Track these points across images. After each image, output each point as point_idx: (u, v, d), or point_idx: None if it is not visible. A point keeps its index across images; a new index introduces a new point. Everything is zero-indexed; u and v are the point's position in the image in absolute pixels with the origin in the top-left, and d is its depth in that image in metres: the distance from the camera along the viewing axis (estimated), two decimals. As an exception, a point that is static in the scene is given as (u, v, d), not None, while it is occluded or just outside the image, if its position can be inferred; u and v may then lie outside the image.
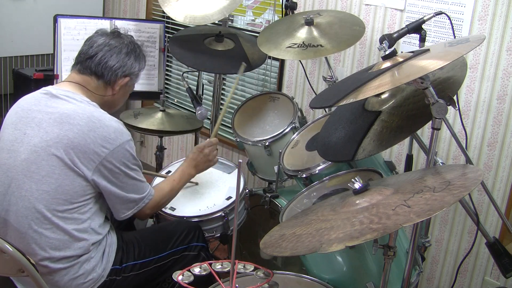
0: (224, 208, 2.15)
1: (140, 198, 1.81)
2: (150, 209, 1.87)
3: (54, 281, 1.71)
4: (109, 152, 1.68)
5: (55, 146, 1.65)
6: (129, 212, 1.80)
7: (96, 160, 1.67)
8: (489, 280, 2.38)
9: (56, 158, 1.65)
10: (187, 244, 1.97)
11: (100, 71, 1.80)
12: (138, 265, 1.87)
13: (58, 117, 1.69)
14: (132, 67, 1.86)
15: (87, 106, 1.74)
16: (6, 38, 3.71)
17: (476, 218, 1.83)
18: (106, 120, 1.72)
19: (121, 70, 1.83)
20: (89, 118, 1.69)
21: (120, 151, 1.71)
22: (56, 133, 1.66)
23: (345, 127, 1.85)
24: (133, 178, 1.77)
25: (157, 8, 3.82)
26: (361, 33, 2.22)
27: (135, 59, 1.87)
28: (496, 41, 2.22)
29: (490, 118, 2.28)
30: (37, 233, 1.66)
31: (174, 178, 2.02)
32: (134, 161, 1.77)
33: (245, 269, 1.44)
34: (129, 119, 2.67)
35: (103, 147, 1.67)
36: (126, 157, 1.73)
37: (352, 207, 1.35)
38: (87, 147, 1.66)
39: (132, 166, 1.76)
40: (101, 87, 1.83)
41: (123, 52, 1.83)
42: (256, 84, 3.26)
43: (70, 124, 1.67)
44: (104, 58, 1.80)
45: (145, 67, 1.95)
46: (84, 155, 1.66)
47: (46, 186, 1.65)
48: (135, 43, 1.92)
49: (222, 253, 2.93)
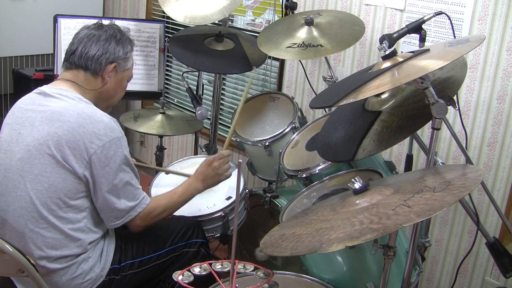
0: (224, 208, 2.15)
1: (131, 207, 1.74)
2: (141, 220, 1.78)
3: (53, 282, 1.71)
4: (98, 148, 1.65)
5: (46, 144, 1.65)
6: (118, 221, 1.74)
7: (86, 156, 1.65)
8: (489, 280, 2.38)
9: (48, 156, 1.65)
10: (186, 241, 1.96)
11: (83, 63, 1.79)
12: (137, 263, 1.86)
13: (49, 115, 1.69)
14: (115, 52, 1.81)
15: (78, 103, 1.73)
16: (6, 38, 3.71)
17: (476, 218, 1.83)
18: (97, 116, 1.70)
19: (104, 57, 1.80)
20: (79, 114, 1.68)
21: (110, 147, 1.67)
22: (47, 131, 1.66)
23: (345, 127, 1.85)
24: (124, 181, 1.72)
25: (157, 8, 3.82)
26: (361, 33, 2.22)
27: (116, 43, 1.82)
28: (496, 41, 2.21)
29: (490, 118, 2.28)
30: (33, 233, 1.66)
31: (176, 191, 1.93)
32: (126, 161, 1.72)
33: (245, 269, 1.44)
34: (129, 122, 2.67)
35: (92, 143, 1.65)
36: (117, 154, 1.69)
37: (352, 207, 1.35)
38: (77, 143, 1.65)
39: (124, 166, 1.71)
40: (91, 80, 1.80)
41: (102, 39, 1.80)
42: (256, 84, 3.26)
43: (60, 121, 1.66)
44: (85, 49, 1.79)
45: (132, 50, 1.89)
46: (74, 151, 1.65)
47: (39, 185, 1.65)
48: (117, 28, 1.87)
49: (222, 253, 2.93)
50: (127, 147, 1.75)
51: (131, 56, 1.91)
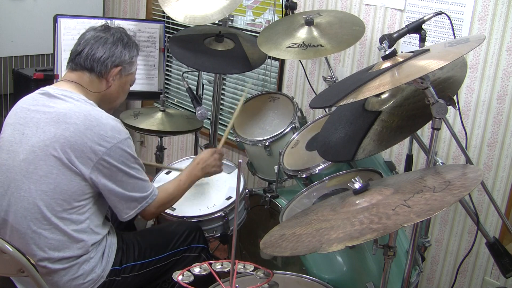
0: (224, 208, 2.15)
1: (143, 197, 1.79)
2: (155, 208, 1.85)
3: (53, 282, 1.70)
4: (106, 150, 1.67)
5: (53, 145, 1.65)
6: (132, 212, 1.78)
7: (93, 159, 1.66)
8: (489, 280, 2.38)
9: (53, 158, 1.65)
10: (187, 245, 1.97)
11: (89, 64, 1.79)
12: (138, 266, 1.86)
13: (55, 116, 1.69)
14: (121, 56, 1.82)
15: (83, 105, 1.73)
16: (6, 38, 3.71)
17: (476, 218, 1.83)
18: (103, 119, 1.71)
19: (110, 60, 1.80)
20: (85, 116, 1.69)
21: (117, 149, 1.70)
22: (53, 133, 1.66)
23: (345, 127, 1.85)
24: (134, 176, 1.76)
25: (157, 8, 3.82)
26: (361, 33, 2.22)
27: (123, 47, 1.83)
28: (496, 41, 2.21)
29: (490, 118, 2.28)
30: (36, 234, 1.66)
31: (181, 178, 1.99)
32: (134, 160, 1.76)
33: (245, 269, 1.44)
34: (129, 119, 2.67)
35: (100, 145, 1.67)
36: (124, 156, 1.72)
37: (352, 207, 1.35)
38: (84, 146, 1.65)
39: (132, 165, 1.75)
40: (95, 82, 1.81)
41: (109, 42, 1.81)
42: (256, 84, 3.26)
43: (67, 123, 1.67)
44: (91, 50, 1.79)
45: (138, 55, 1.91)
46: (81, 154, 1.65)
47: (44, 186, 1.65)
48: (123, 32, 1.88)
49: (222, 253, 2.93)
50: (133, 146, 1.77)
51: (136, 61, 1.92)
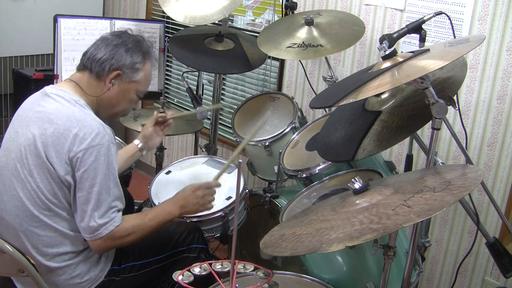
0: (224, 208, 2.15)
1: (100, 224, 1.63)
2: (103, 241, 1.66)
3: (51, 281, 1.70)
4: (80, 152, 1.61)
5: (34, 145, 1.64)
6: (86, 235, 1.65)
7: (67, 160, 1.62)
8: (489, 280, 2.38)
9: (35, 157, 1.64)
10: (187, 246, 1.96)
11: (89, 64, 1.77)
12: (137, 266, 1.86)
13: (43, 116, 1.68)
14: (121, 60, 1.76)
15: (71, 106, 1.70)
16: (6, 38, 3.71)
17: (476, 218, 1.83)
18: (86, 121, 1.65)
19: (109, 63, 1.76)
20: (68, 117, 1.65)
21: (93, 153, 1.61)
22: (37, 132, 1.65)
23: (345, 127, 1.85)
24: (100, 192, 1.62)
25: (157, 8, 3.82)
26: (361, 33, 2.22)
27: (125, 51, 1.78)
28: (496, 41, 2.21)
29: (490, 118, 2.28)
30: (28, 231, 1.67)
31: (147, 213, 1.80)
32: (107, 171, 1.63)
33: (245, 269, 1.44)
34: (129, 122, 2.67)
35: (74, 146, 1.61)
36: (99, 162, 1.62)
37: (352, 207, 1.35)
38: (61, 146, 1.62)
39: (103, 177, 1.62)
40: (94, 83, 1.77)
41: (112, 44, 1.78)
42: (256, 84, 3.26)
43: (50, 123, 1.65)
44: (94, 51, 1.78)
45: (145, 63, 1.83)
46: (57, 154, 1.62)
47: (28, 185, 1.65)
48: (134, 37, 1.84)
49: (222, 253, 2.93)
50: (113, 157, 1.66)
51: (144, 69, 1.83)
